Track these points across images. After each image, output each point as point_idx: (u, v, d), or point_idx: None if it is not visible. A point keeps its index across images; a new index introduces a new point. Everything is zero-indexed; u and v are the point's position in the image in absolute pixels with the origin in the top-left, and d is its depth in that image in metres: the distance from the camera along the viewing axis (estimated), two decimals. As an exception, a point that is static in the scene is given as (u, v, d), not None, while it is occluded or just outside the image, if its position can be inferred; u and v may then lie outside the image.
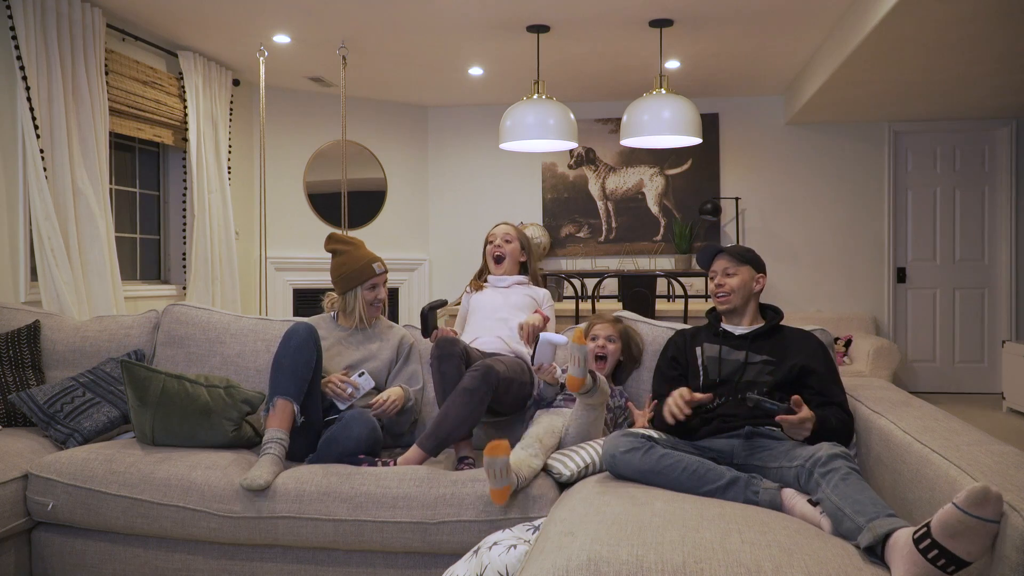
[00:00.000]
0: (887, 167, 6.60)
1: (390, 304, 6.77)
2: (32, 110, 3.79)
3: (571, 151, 6.81)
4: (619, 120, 6.62)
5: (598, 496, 1.87)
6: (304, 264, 6.37)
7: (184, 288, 5.27)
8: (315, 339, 2.52)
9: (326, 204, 6.51)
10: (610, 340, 2.68)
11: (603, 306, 5.07)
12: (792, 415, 2.03)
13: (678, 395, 2.21)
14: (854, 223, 6.66)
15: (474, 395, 2.43)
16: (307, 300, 6.38)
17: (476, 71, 5.78)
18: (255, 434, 2.63)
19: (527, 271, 3.14)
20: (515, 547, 1.87)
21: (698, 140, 4.93)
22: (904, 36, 4.14)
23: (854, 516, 1.63)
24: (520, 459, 2.23)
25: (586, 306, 4.86)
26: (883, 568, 1.52)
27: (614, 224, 6.81)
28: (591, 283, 6.38)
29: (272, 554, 2.30)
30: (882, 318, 6.62)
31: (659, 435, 2.24)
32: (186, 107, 5.12)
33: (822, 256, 6.68)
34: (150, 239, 5.29)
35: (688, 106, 4.74)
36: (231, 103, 5.64)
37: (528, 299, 3.01)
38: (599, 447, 2.33)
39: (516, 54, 5.32)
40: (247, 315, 3.09)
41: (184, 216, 5.31)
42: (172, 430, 2.51)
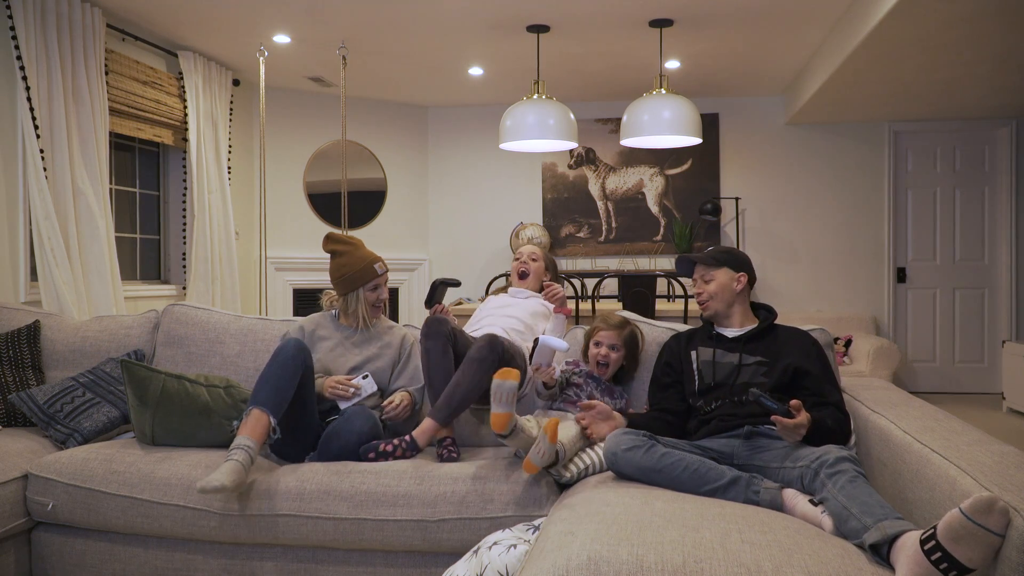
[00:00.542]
0: (887, 167, 6.60)
1: (390, 305, 6.77)
2: (32, 110, 3.79)
3: (571, 151, 6.81)
4: (619, 120, 6.62)
5: (598, 496, 1.87)
6: (304, 264, 6.37)
7: (184, 288, 5.27)
8: (304, 355, 2.46)
9: (326, 204, 6.51)
10: (613, 349, 2.60)
11: (603, 306, 5.07)
12: (789, 418, 2.02)
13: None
14: (854, 223, 6.66)
15: (483, 364, 2.48)
16: (307, 300, 6.38)
17: (476, 71, 5.78)
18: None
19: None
20: (515, 547, 1.87)
21: (698, 140, 4.93)
22: (904, 36, 4.14)
23: (861, 516, 1.63)
24: (570, 437, 2.23)
25: (586, 306, 4.86)
26: (884, 568, 1.52)
27: (614, 224, 6.81)
28: (591, 283, 6.38)
29: (272, 553, 2.30)
30: (882, 318, 6.62)
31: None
32: (186, 107, 5.12)
33: (822, 256, 6.68)
34: (150, 239, 5.29)
35: (688, 106, 4.74)
36: (231, 103, 5.65)
37: (542, 307, 3.08)
38: (598, 448, 2.33)
39: (516, 54, 5.32)
40: (247, 315, 3.09)
41: (184, 216, 5.31)
42: (172, 430, 2.51)
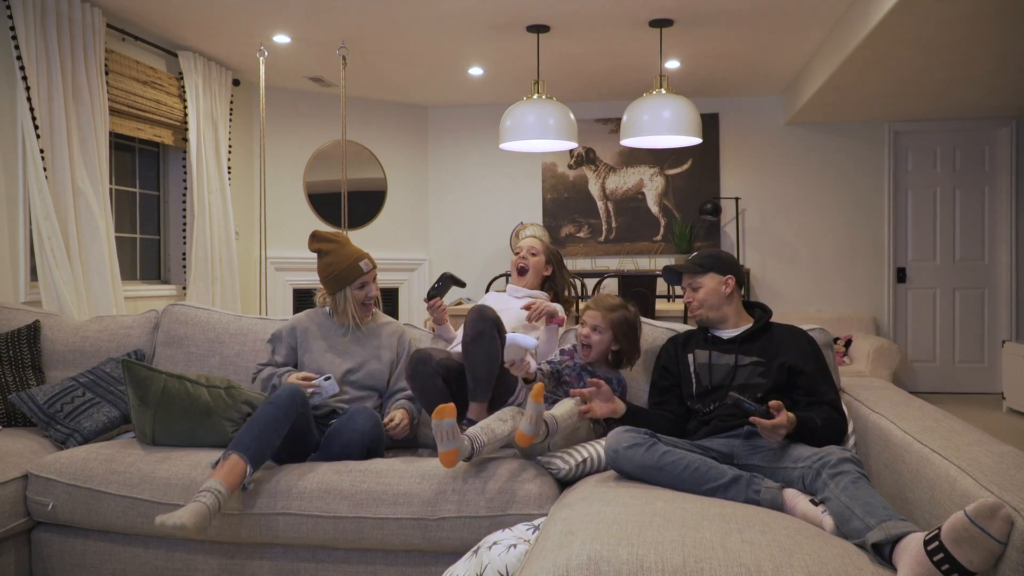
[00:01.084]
0: (887, 167, 6.60)
1: (390, 305, 6.77)
2: (32, 110, 3.79)
3: (571, 151, 6.81)
4: (619, 120, 6.62)
5: (598, 495, 1.87)
6: (304, 264, 6.36)
7: (184, 288, 5.27)
8: (298, 404, 2.39)
9: (326, 204, 6.50)
10: (596, 331, 2.54)
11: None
12: (768, 419, 2.01)
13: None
14: (854, 223, 6.66)
15: (483, 337, 2.44)
16: (307, 300, 6.38)
17: (476, 71, 5.78)
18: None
19: (554, 284, 3.09)
20: (515, 547, 1.87)
21: (698, 140, 4.93)
22: (904, 36, 4.14)
23: (864, 516, 1.63)
24: (563, 412, 2.25)
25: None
26: (885, 567, 1.52)
27: (614, 224, 6.81)
28: (591, 283, 6.38)
29: (272, 553, 2.30)
30: (882, 318, 6.62)
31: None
32: (186, 107, 5.12)
33: (822, 256, 6.68)
34: (150, 239, 5.29)
35: (688, 106, 4.74)
36: (231, 103, 5.65)
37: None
38: (598, 444, 2.33)
39: (516, 54, 5.32)
40: (247, 315, 3.09)
41: (184, 216, 5.31)
42: (172, 430, 2.51)
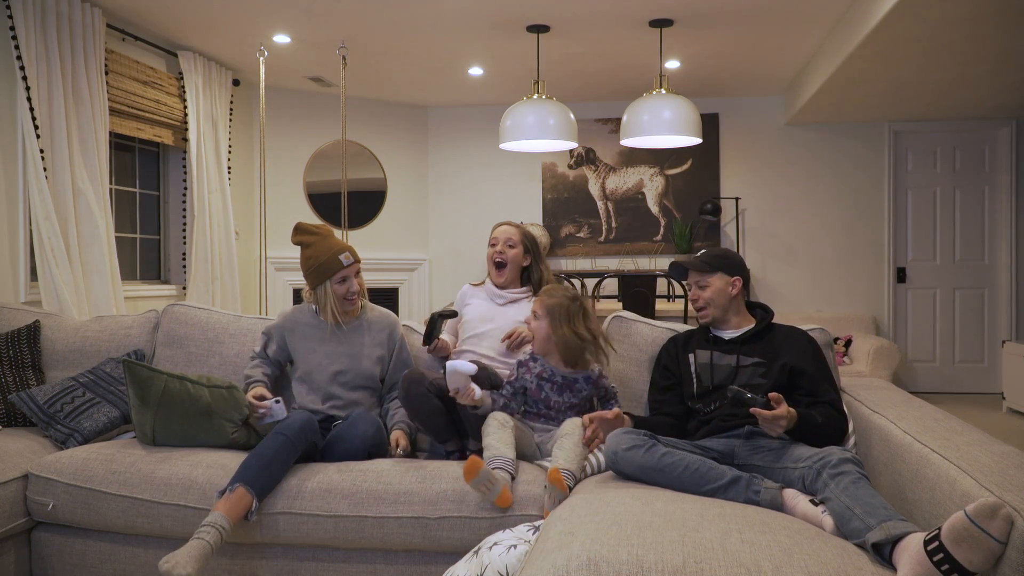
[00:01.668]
0: (887, 167, 6.60)
1: (390, 305, 6.77)
2: (32, 110, 3.79)
3: (571, 151, 6.81)
4: (619, 120, 6.62)
5: (598, 496, 1.87)
6: (304, 264, 6.36)
7: (184, 288, 5.27)
8: (308, 432, 2.36)
9: (326, 204, 6.50)
10: (536, 317, 2.47)
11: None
12: (768, 410, 2.01)
13: (587, 418, 2.34)
14: (854, 223, 6.66)
15: (415, 407, 2.45)
16: (307, 300, 6.37)
17: (476, 71, 5.78)
18: (257, 436, 2.59)
19: (532, 276, 2.92)
20: (515, 547, 1.87)
21: (698, 140, 4.93)
22: (904, 36, 4.14)
23: (864, 517, 1.63)
24: (575, 451, 2.24)
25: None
26: (885, 567, 1.52)
27: (614, 224, 6.81)
28: (591, 283, 6.37)
29: (272, 552, 2.30)
30: (882, 318, 6.62)
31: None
32: (186, 107, 5.12)
33: (822, 256, 6.68)
34: (150, 239, 5.29)
35: (688, 106, 4.74)
36: (231, 103, 5.64)
37: (516, 317, 2.80)
38: (597, 451, 2.33)
39: (516, 54, 5.32)
40: (247, 315, 3.09)
41: (184, 216, 5.31)
42: (173, 430, 2.50)
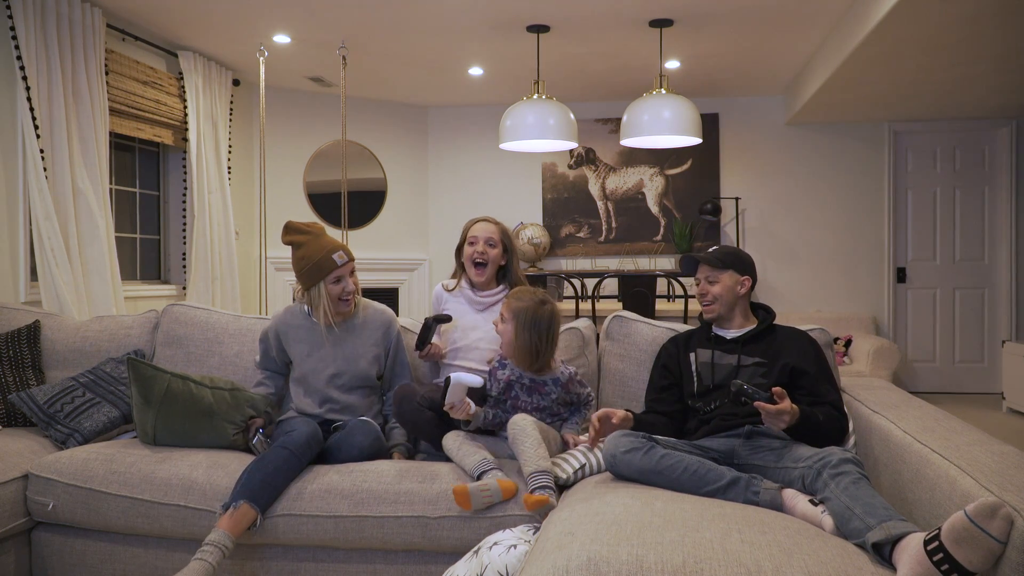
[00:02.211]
0: (887, 167, 6.60)
1: (390, 304, 6.75)
2: (32, 110, 3.79)
3: (571, 151, 6.81)
4: (619, 120, 6.62)
5: (598, 496, 1.87)
6: (304, 264, 6.35)
7: (184, 288, 5.27)
8: (314, 448, 2.35)
9: (326, 204, 6.50)
10: (503, 320, 2.42)
11: (603, 306, 5.08)
12: (772, 404, 2.02)
13: (595, 419, 2.23)
14: (854, 223, 6.66)
15: (410, 423, 2.48)
16: (307, 300, 6.37)
17: (476, 71, 5.78)
18: (266, 423, 2.57)
19: (508, 276, 2.84)
20: (515, 547, 1.87)
21: (698, 140, 4.93)
22: (904, 36, 4.14)
23: (864, 516, 1.63)
24: (536, 459, 2.20)
25: (586, 306, 4.86)
26: (884, 567, 1.52)
27: (614, 224, 6.81)
28: (591, 283, 6.38)
29: (272, 553, 2.30)
30: (882, 318, 6.62)
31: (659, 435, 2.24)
32: (186, 107, 5.12)
33: (822, 256, 6.68)
34: (150, 239, 5.29)
35: (688, 106, 4.74)
36: (231, 103, 5.64)
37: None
38: (596, 449, 2.33)
39: (516, 54, 5.32)
40: (246, 315, 3.09)
41: (184, 216, 5.31)
42: (174, 430, 2.50)
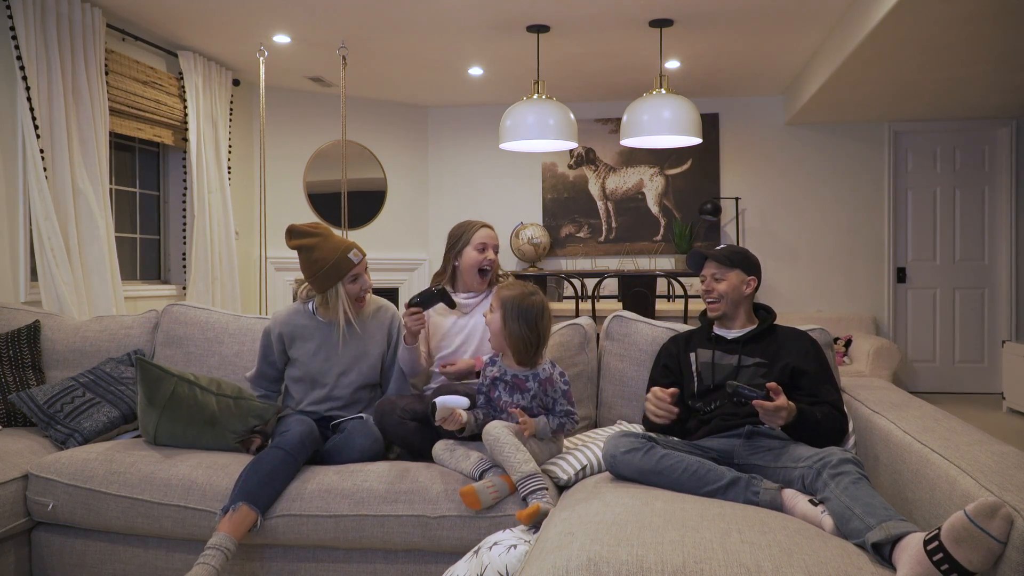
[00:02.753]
0: (887, 167, 6.60)
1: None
2: (32, 110, 3.79)
3: (571, 151, 6.81)
4: (619, 120, 6.62)
5: (598, 496, 1.87)
6: (304, 264, 6.35)
7: (184, 288, 5.27)
8: (308, 447, 2.34)
9: (326, 204, 6.50)
10: (492, 311, 2.39)
11: (603, 306, 5.08)
12: (769, 401, 2.03)
13: (653, 397, 2.25)
14: (854, 223, 6.66)
15: (400, 436, 2.44)
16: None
17: (476, 71, 5.78)
18: (263, 443, 2.56)
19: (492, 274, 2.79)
20: (515, 547, 1.87)
21: (698, 140, 4.93)
22: (904, 36, 4.14)
23: (864, 516, 1.63)
24: (520, 464, 2.17)
25: (586, 306, 4.86)
26: (884, 567, 1.52)
27: (614, 224, 6.81)
28: (591, 283, 6.38)
29: (272, 553, 2.30)
30: (882, 318, 6.62)
31: (659, 435, 2.24)
32: (186, 107, 5.12)
33: (822, 256, 6.68)
34: (150, 239, 5.29)
35: (688, 106, 4.74)
36: (231, 103, 5.65)
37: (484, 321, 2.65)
38: (595, 448, 2.33)
39: (516, 54, 5.32)
40: (246, 315, 3.09)
41: (184, 216, 5.31)
42: (175, 434, 2.51)
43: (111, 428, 2.71)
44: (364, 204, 6.67)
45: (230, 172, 5.55)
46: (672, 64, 5.60)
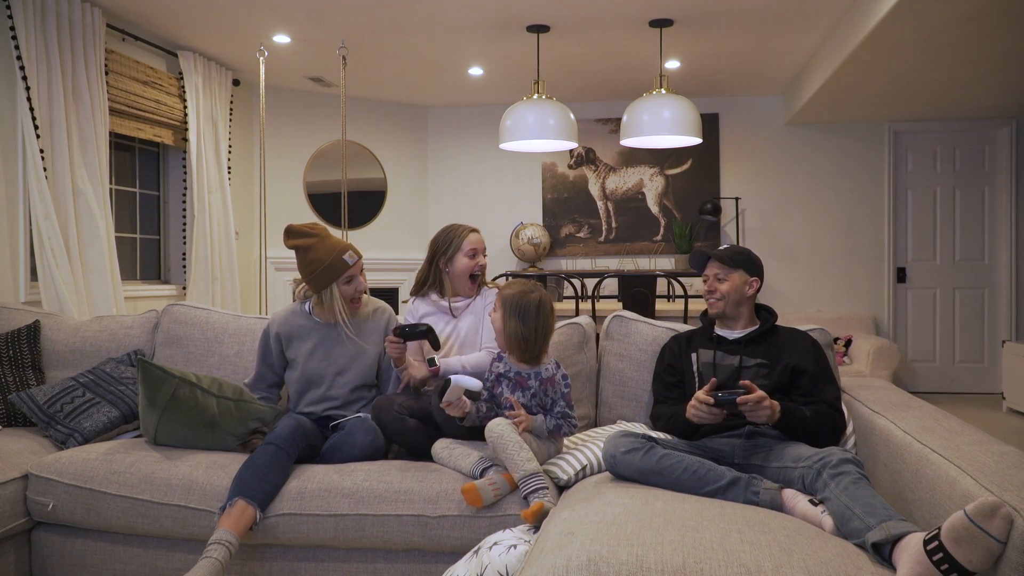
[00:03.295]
0: (887, 167, 6.60)
1: (389, 304, 6.75)
2: (32, 110, 3.79)
3: (571, 151, 6.81)
4: (619, 120, 6.62)
5: (598, 496, 1.87)
6: (304, 264, 6.35)
7: (184, 288, 5.27)
8: (298, 439, 2.34)
9: (326, 204, 6.50)
10: (496, 309, 2.43)
11: (603, 306, 5.08)
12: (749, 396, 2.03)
13: (697, 401, 2.12)
14: (854, 223, 6.66)
15: (399, 433, 2.46)
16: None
17: (476, 71, 5.78)
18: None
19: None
20: (515, 547, 1.87)
21: (698, 140, 4.93)
22: (904, 36, 4.14)
23: (864, 516, 1.63)
24: (522, 463, 2.18)
25: (586, 306, 4.86)
26: (884, 567, 1.52)
27: (614, 224, 6.81)
28: (591, 283, 6.38)
29: (272, 553, 2.30)
30: (882, 318, 6.62)
31: (659, 435, 2.24)
32: (186, 107, 5.12)
33: (822, 256, 6.68)
34: (150, 239, 5.29)
35: (688, 106, 4.74)
36: (231, 103, 5.65)
37: (476, 323, 2.74)
38: (595, 448, 2.33)
39: (516, 54, 5.32)
40: (246, 315, 3.09)
41: (184, 216, 5.31)
42: (175, 435, 2.51)
43: (111, 428, 2.71)
44: (364, 204, 6.67)
45: (230, 172, 5.55)
46: (672, 64, 5.60)
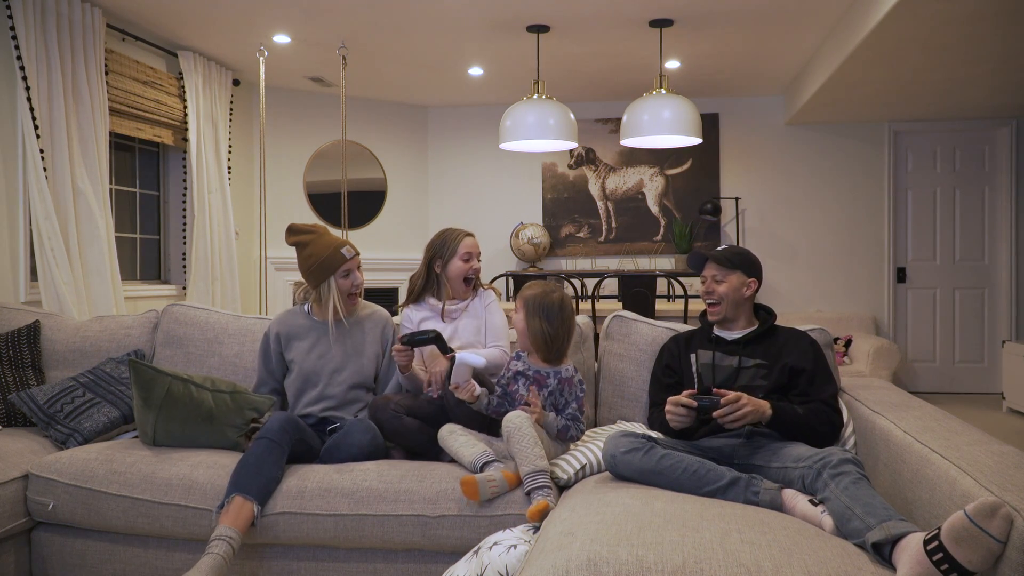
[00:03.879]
0: (887, 167, 6.60)
1: (389, 304, 6.76)
2: (32, 110, 3.79)
3: (571, 151, 6.81)
4: (619, 120, 6.62)
5: (598, 496, 1.87)
6: (304, 264, 6.35)
7: (184, 288, 5.27)
8: (290, 432, 2.34)
9: (326, 204, 6.51)
10: (516, 310, 2.45)
11: (603, 306, 5.08)
12: (723, 405, 2.06)
13: (672, 404, 2.16)
14: (854, 223, 6.66)
15: (397, 432, 2.47)
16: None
17: (476, 71, 5.78)
18: None
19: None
20: (515, 547, 1.87)
21: (698, 140, 4.93)
22: (904, 36, 4.14)
23: (864, 516, 1.63)
24: (532, 459, 2.18)
25: (586, 306, 4.86)
26: (884, 567, 1.52)
27: (614, 224, 6.81)
28: (591, 283, 6.38)
29: (272, 553, 2.30)
30: (882, 318, 6.62)
31: (658, 435, 2.24)
32: (186, 107, 5.12)
33: (822, 256, 6.68)
34: (150, 239, 5.29)
35: (688, 106, 4.74)
36: (231, 103, 5.65)
37: (473, 324, 2.75)
38: (595, 448, 2.33)
39: (516, 54, 5.32)
40: (246, 315, 3.09)
41: (184, 216, 5.31)
42: (174, 433, 2.51)
43: (111, 428, 2.71)
44: (364, 204, 6.67)
45: (230, 172, 5.55)
46: (672, 64, 5.60)
